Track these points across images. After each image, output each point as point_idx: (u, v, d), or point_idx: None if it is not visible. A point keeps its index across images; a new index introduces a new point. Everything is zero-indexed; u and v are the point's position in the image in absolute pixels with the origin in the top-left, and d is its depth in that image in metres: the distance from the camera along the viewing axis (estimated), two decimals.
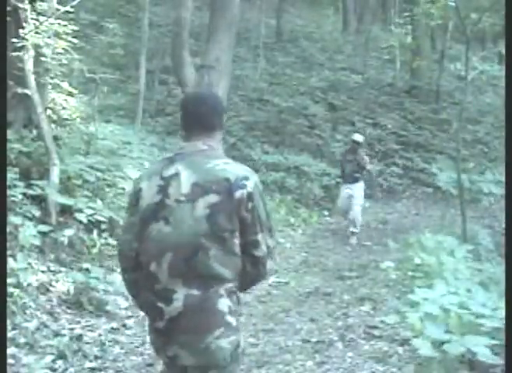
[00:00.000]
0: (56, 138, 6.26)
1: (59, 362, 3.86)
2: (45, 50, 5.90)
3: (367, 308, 5.34)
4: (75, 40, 6.16)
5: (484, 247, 6.93)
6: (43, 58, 5.91)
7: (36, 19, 5.67)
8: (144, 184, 2.21)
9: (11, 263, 4.50)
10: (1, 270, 2.91)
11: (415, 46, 15.99)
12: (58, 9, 5.93)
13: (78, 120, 7.07)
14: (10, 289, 4.29)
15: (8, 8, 4.80)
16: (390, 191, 12.61)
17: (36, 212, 5.38)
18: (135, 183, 2.29)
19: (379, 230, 9.60)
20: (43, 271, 4.92)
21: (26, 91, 5.68)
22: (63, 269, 5.11)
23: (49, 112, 6.31)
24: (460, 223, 7.30)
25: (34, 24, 5.62)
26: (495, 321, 3.48)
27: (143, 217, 2.18)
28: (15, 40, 5.47)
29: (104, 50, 11.17)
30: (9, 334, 3.93)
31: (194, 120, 2.26)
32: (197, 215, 2.09)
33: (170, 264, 2.12)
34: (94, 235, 5.77)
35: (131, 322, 4.76)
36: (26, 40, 5.53)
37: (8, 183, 5.04)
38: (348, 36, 20.72)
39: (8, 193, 5.08)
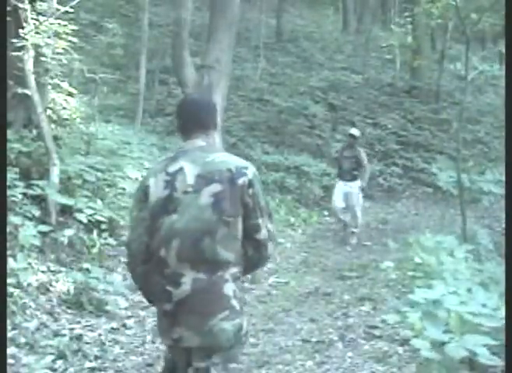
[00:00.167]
0: (56, 138, 6.26)
1: (59, 362, 3.86)
2: (45, 50, 5.90)
3: (367, 308, 5.34)
4: (75, 39, 6.16)
5: (484, 247, 6.90)
6: (43, 58, 5.91)
7: (36, 19, 5.67)
8: (151, 181, 2.36)
9: (11, 263, 4.50)
10: (1, 270, 2.92)
11: (415, 46, 15.96)
12: (58, 9, 5.93)
13: (78, 120, 7.07)
14: (10, 289, 4.29)
15: (8, 8, 4.79)
16: (390, 191, 12.60)
17: (36, 212, 5.39)
18: (142, 180, 2.45)
19: (379, 230, 9.59)
20: (43, 271, 4.92)
21: (26, 91, 5.68)
22: (63, 269, 5.12)
23: (49, 112, 6.31)
24: (460, 223, 7.29)
25: (34, 24, 5.62)
26: (495, 321, 3.48)
27: (153, 212, 2.33)
28: (15, 40, 5.47)
29: (104, 50, 11.17)
30: (9, 334, 3.93)
31: (192, 121, 2.45)
32: (202, 203, 2.26)
33: (178, 249, 2.27)
34: (94, 235, 5.77)
35: (131, 322, 4.77)
36: (26, 40, 5.53)
37: (8, 183, 5.04)
38: (348, 36, 20.72)
39: (8, 193, 5.08)
